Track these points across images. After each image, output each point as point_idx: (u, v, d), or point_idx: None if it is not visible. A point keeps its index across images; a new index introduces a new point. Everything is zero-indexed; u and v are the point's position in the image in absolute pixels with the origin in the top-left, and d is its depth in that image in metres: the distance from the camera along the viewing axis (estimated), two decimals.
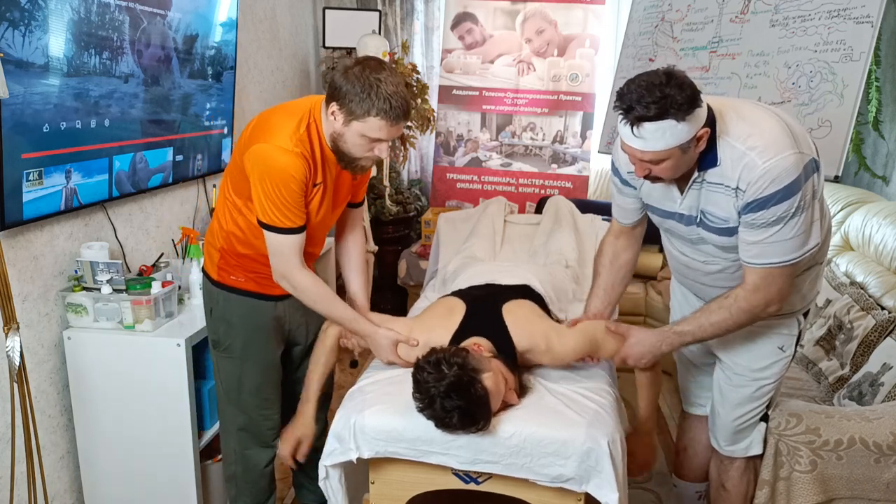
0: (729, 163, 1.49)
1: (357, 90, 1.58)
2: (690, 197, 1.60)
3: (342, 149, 1.68)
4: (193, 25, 2.53)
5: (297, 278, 1.73)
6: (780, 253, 1.51)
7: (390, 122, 1.60)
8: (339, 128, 1.64)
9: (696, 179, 1.56)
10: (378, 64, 1.63)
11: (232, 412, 1.95)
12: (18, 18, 1.74)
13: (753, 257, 1.54)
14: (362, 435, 1.66)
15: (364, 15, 3.91)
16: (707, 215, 1.59)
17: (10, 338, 1.66)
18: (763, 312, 1.58)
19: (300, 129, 1.66)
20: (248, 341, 1.88)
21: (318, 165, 1.70)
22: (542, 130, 4.10)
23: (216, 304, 1.88)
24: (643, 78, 1.43)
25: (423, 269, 3.65)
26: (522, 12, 4.03)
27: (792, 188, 1.44)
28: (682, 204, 1.62)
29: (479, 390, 1.55)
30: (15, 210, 1.81)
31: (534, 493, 1.68)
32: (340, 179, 1.82)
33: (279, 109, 1.74)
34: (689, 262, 1.75)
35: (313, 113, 1.70)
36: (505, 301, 1.90)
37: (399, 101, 1.59)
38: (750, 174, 1.46)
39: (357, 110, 1.59)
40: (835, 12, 2.70)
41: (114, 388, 2.07)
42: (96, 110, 2.07)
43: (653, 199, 1.70)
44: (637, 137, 1.44)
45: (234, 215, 1.78)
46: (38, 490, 1.79)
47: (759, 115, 1.53)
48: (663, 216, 1.70)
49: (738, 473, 1.89)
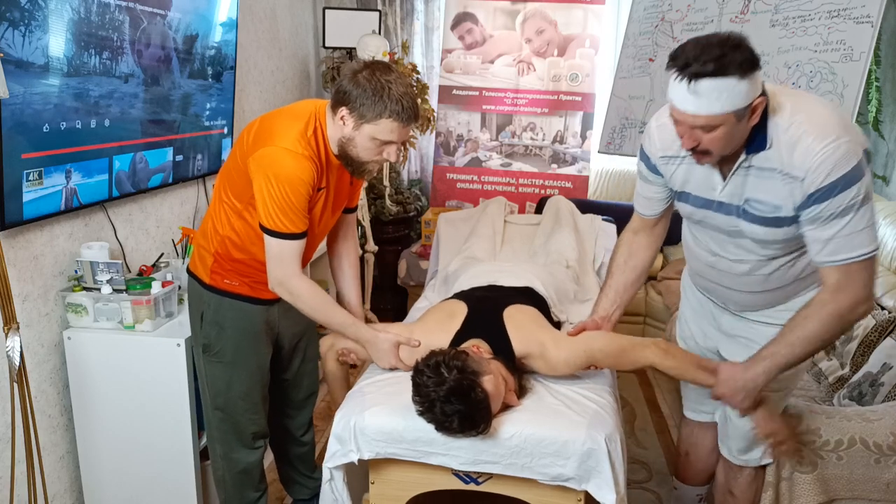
0: (783, 147, 1.40)
1: (368, 94, 1.58)
2: (734, 183, 1.49)
3: (351, 154, 1.67)
4: (193, 25, 2.53)
5: (295, 285, 1.71)
6: (857, 246, 1.41)
7: (402, 123, 1.61)
8: (349, 132, 1.64)
9: (741, 163, 1.46)
10: (385, 67, 1.64)
11: (219, 416, 1.91)
12: (18, 18, 1.73)
13: (830, 255, 1.43)
14: (362, 436, 1.66)
15: (364, 15, 3.90)
16: (752, 203, 1.48)
17: (10, 338, 1.66)
18: (852, 314, 1.46)
19: (308, 133, 1.65)
20: (240, 346, 1.86)
21: (323, 169, 1.70)
22: (542, 130, 4.10)
23: (207, 308, 1.84)
24: (701, 38, 1.35)
25: (424, 270, 3.65)
26: (522, 12, 4.03)
27: (854, 175, 1.36)
28: (724, 191, 1.51)
29: (479, 394, 1.54)
30: (15, 210, 1.81)
31: (534, 494, 1.68)
32: (340, 184, 1.81)
33: (283, 112, 1.73)
34: (717, 262, 1.64)
35: (318, 117, 1.69)
36: (507, 305, 1.90)
37: (409, 102, 1.61)
38: (808, 160, 1.37)
39: (368, 113, 1.60)
40: (835, 12, 2.70)
41: (114, 388, 2.06)
42: (96, 110, 2.07)
43: (689, 186, 1.59)
44: (692, 96, 1.33)
45: (232, 219, 1.76)
46: (38, 490, 1.79)
47: (811, 99, 1.46)
48: (698, 205, 1.59)
49: (748, 481, 1.84)
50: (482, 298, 1.97)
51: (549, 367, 1.79)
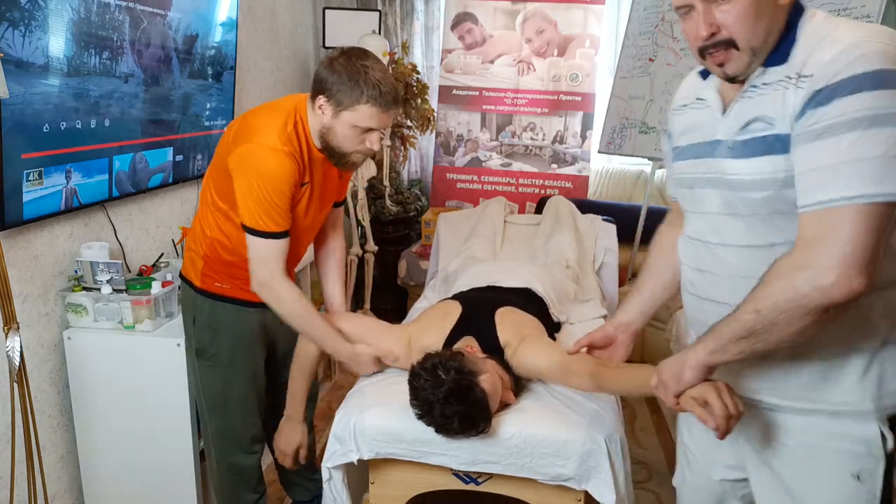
0: (805, 47, 1.03)
1: (344, 79, 1.53)
2: (737, 110, 1.11)
3: (332, 143, 1.63)
4: (193, 25, 2.53)
5: (278, 287, 1.65)
6: (852, 180, 0.91)
7: (381, 108, 1.56)
8: (328, 121, 1.59)
9: (753, 82, 1.08)
10: (362, 52, 1.58)
11: (216, 421, 1.89)
12: (18, 18, 1.73)
13: (810, 193, 0.96)
14: (362, 436, 1.66)
15: (364, 15, 3.91)
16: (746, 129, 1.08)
17: (10, 338, 1.66)
18: (815, 292, 0.94)
19: (288, 128, 1.61)
20: (235, 349, 1.83)
21: (305, 165, 1.66)
22: (542, 130, 4.10)
23: (200, 313, 1.82)
24: None
25: (424, 270, 3.65)
26: (522, 12, 4.03)
27: (882, 78, 0.92)
28: (727, 121, 1.12)
29: (477, 394, 1.53)
30: (15, 210, 1.81)
31: (534, 493, 1.68)
32: (327, 178, 1.77)
33: (263, 109, 1.70)
34: (710, 265, 1.18)
35: (299, 111, 1.64)
36: (501, 305, 1.89)
37: (388, 86, 1.55)
38: (823, 53, 0.98)
39: (345, 100, 1.55)
40: (835, 12, 2.70)
41: (114, 388, 2.06)
42: (96, 110, 2.07)
43: (688, 135, 1.23)
44: None
45: (220, 221, 1.73)
46: (38, 490, 1.79)
47: None
48: (698, 155, 1.19)
49: None
50: (478, 299, 1.97)
51: (516, 359, 1.74)
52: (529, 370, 1.74)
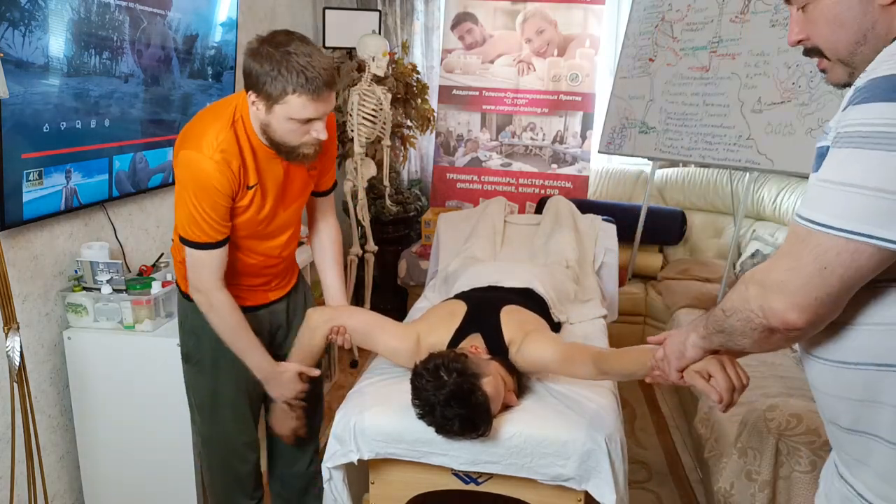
0: None
1: (267, 70, 1.41)
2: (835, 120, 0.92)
3: (275, 139, 1.52)
4: (193, 25, 2.53)
5: (213, 296, 1.60)
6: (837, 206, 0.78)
7: (311, 96, 1.43)
8: (264, 116, 1.49)
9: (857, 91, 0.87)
10: (286, 36, 1.44)
11: (207, 428, 1.84)
12: (18, 18, 1.73)
13: (800, 206, 0.85)
14: (362, 436, 1.66)
15: (364, 15, 3.90)
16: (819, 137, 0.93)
17: (10, 338, 1.66)
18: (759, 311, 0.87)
19: (221, 134, 1.51)
20: (218, 354, 1.74)
21: (248, 167, 1.56)
22: (542, 130, 4.10)
23: (185, 317, 1.78)
24: None
25: (424, 270, 3.65)
26: (522, 12, 4.03)
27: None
28: None
29: (479, 397, 1.52)
30: (15, 210, 1.81)
31: (534, 494, 1.68)
32: (291, 174, 1.67)
33: (206, 112, 1.61)
34: None
35: (240, 109, 1.55)
36: (505, 303, 1.90)
37: (315, 71, 1.41)
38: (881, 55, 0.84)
39: (273, 92, 1.43)
40: None
41: (114, 388, 2.06)
42: (96, 110, 2.07)
43: None
44: None
45: None
46: (38, 490, 1.79)
47: None
48: None
49: None
50: (482, 298, 1.97)
51: (521, 354, 1.74)
52: (535, 363, 1.74)
